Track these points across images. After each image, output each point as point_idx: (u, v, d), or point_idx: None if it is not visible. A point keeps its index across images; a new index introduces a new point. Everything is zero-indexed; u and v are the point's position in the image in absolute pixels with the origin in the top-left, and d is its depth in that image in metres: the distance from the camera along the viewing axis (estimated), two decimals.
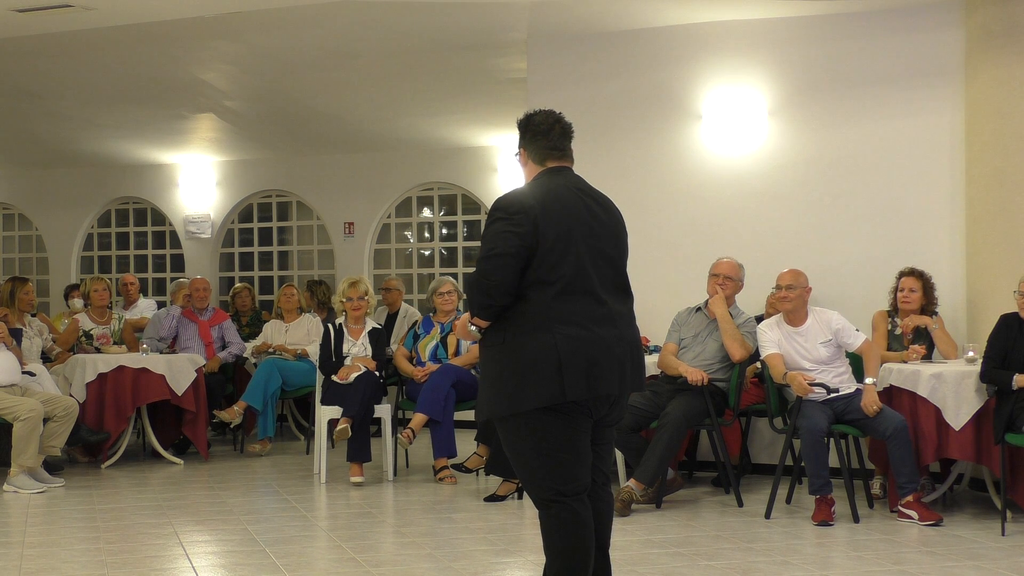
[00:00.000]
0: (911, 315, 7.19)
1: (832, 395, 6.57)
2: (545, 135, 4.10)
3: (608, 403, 4.01)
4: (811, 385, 6.52)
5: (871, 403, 6.45)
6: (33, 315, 9.06)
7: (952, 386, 6.37)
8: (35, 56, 9.08)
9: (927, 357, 6.98)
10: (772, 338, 6.79)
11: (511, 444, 4.00)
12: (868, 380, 6.58)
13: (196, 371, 8.76)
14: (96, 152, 12.80)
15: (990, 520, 6.37)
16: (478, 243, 4.66)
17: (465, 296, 4.07)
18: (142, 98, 10.48)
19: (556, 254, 3.88)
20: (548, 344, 3.85)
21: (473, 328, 4.04)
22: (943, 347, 7.10)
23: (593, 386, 3.90)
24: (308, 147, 12.44)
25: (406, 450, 8.28)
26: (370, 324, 8.32)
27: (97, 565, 5.48)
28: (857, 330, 6.79)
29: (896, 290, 7.28)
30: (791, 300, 6.77)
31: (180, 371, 8.68)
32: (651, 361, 7.38)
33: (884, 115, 7.83)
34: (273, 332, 9.88)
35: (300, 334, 9.80)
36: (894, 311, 7.32)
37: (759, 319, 7.33)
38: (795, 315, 6.80)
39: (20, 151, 13.08)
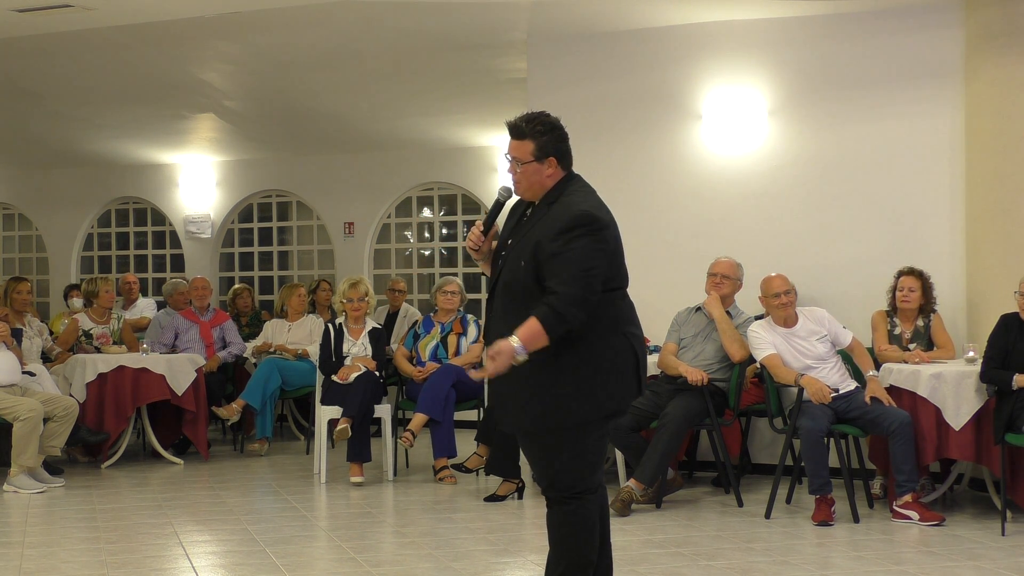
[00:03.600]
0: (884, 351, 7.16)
1: (832, 393, 6.57)
2: (567, 140, 4.02)
3: None
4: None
5: (879, 392, 6.48)
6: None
7: (952, 386, 6.38)
8: (35, 56, 9.08)
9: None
10: (767, 339, 6.80)
11: (559, 448, 3.87)
12: (871, 373, 6.63)
13: (196, 371, 8.76)
14: (96, 152, 12.80)
15: (990, 520, 6.36)
16: None
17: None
18: (142, 98, 10.48)
19: (621, 259, 3.93)
20: (625, 346, 3.87)
21: (523, 357, 3.69)
22: (939, 353, 7.11)
23: (644, 385, 3.99)
24: (308, 147, 12.43)
25: (406, 450, 8.28)
26: (370, 324, 8.31)
27: (97, 565, 5.48)
28: (844, 327, 6.83)
29: (895, 289, 7.28)
30: (791, 304, 6.84)
31: (180, 371, 8.68)
32: (651, 361, 7.38)
33: (884, 115, 7.82)
34: (275, 331, 9.87)
35: (302, 333, 9.79)
36: (893, 311, 7.32)
37: (759, 319, 7.32)
38: (788, 317, 6.83)
39: (20, 151, 13.08)
